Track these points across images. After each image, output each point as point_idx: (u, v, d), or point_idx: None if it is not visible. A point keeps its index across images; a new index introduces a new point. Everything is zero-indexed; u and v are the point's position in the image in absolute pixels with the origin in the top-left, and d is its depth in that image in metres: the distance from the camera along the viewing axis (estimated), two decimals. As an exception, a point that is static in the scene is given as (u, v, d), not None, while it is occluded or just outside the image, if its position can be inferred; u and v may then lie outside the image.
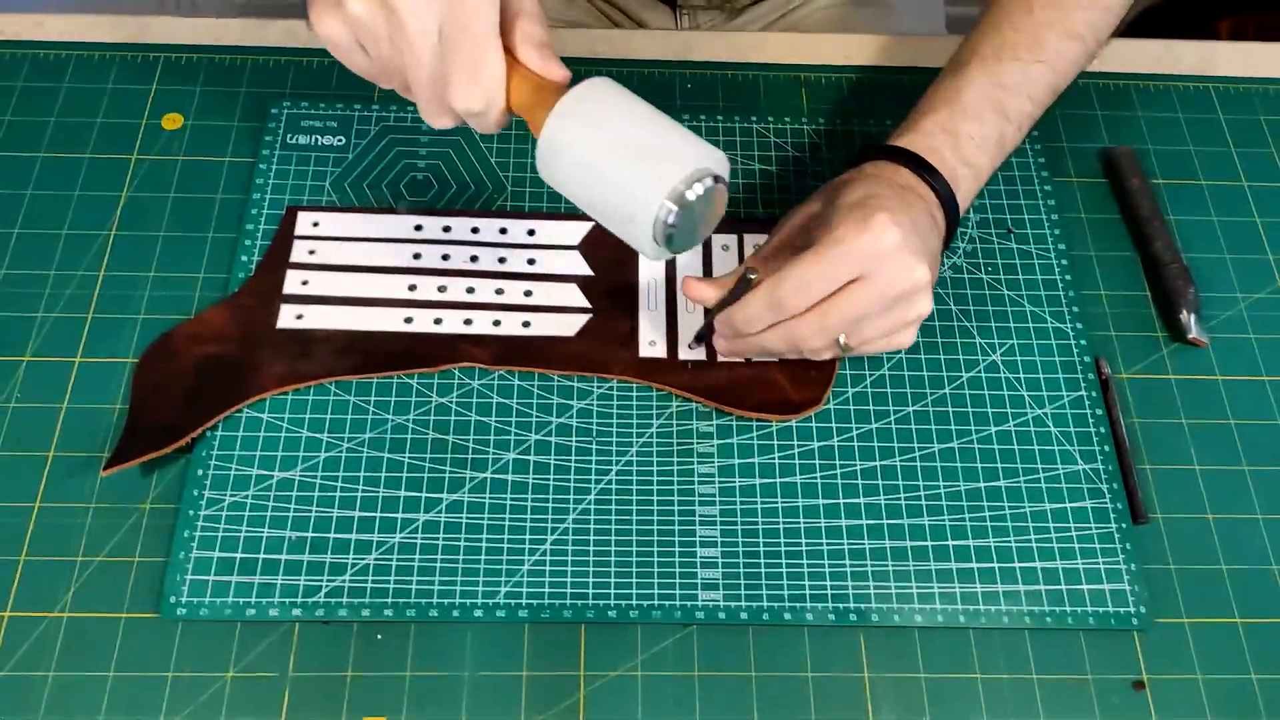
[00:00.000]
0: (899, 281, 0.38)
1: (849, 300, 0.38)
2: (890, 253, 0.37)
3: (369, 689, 0.37)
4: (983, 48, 0.43)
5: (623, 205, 0.34)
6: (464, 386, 0.43)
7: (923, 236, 0.39)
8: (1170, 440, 0.43)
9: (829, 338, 0.39)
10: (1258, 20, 0.83)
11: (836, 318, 0.38)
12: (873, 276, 0.38)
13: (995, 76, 0.42)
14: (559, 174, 0.35)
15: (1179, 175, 0.50)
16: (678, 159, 0.33)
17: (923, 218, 0.40)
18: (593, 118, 0.34)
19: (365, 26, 0.34)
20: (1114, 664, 0.38)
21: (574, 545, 0.40)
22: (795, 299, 0.38)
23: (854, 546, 0.40)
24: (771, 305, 0.39)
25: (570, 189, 0.35)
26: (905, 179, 0.41)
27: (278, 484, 0.40)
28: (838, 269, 0.38)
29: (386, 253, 0.46)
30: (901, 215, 0.38)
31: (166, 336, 0.43)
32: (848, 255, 0.37)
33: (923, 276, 0.38)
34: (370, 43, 0.34)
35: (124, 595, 0.38)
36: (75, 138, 0.49)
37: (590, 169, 0.34)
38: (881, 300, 0.38)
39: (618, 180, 0.33)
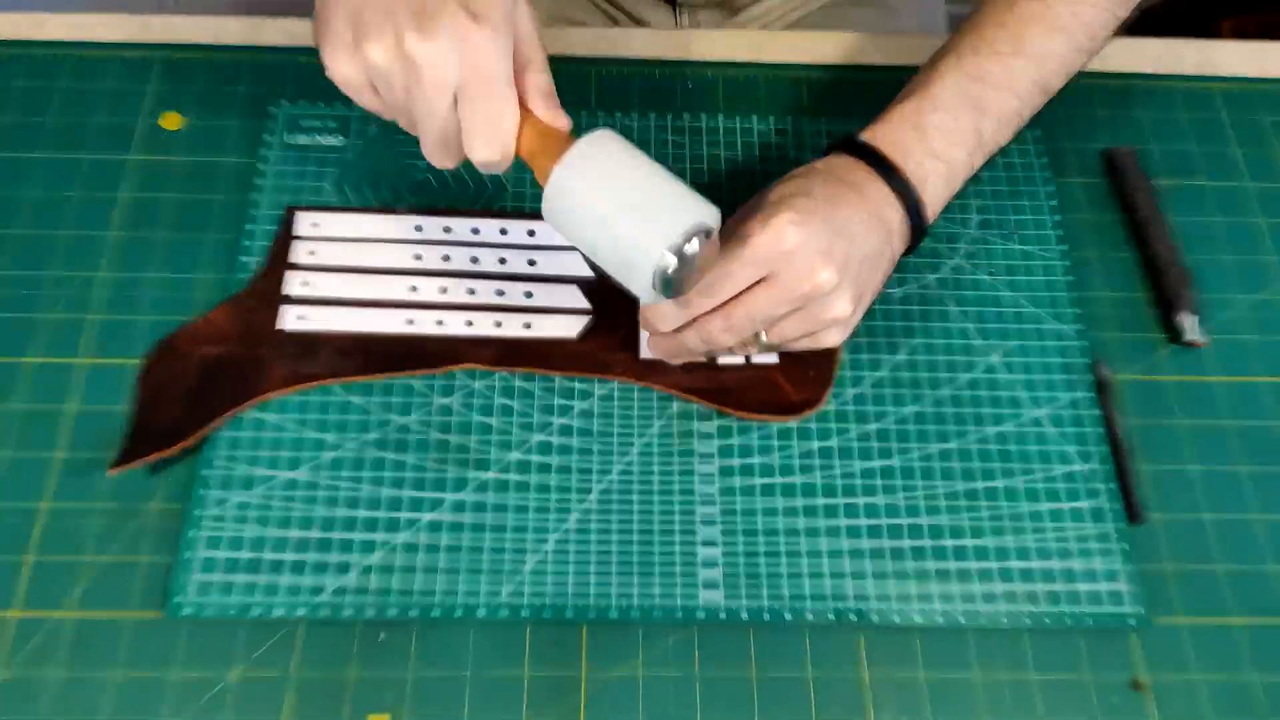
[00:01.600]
0: (801, 282, 0.37)
1: (753, 300, 0.38)
2: (790, 253, 0.37)
3: (372, 688, 0.37)
4: (961, 45, 0.43)
5: (625, 255, 0.36)
6: (466, 387, 0.43)
7: (845, 237, 0.38)
8: (1168, 441, 0.43)
9: (740, 335, 0.39)
10: (1260, 20, 0.83)
11: (742, 317, 0.38)
12: (777, 277, 0.37)
13: (971, 70, 0.42)
14: (562, 221, 0.36)
15: (1180, 176, 0.50)
16: (676, 215, 0.35)
17: (854, 216, 0.38)
18: (597, 171, 0.35)
19: (382, 74, 0.34)
20: (1112, 664, 0.39)
21: (575, 545, 0.40)
22: (699, 298, 0.38)
23: (854, 546, 0.40)
24: (679, 303, 0.38)
25: (573, 235, 0.37)
26: (857, 176, 0.40)
27: (282, 484, 0.41)
28: (741, 269, 0.37)
29: (387, 254, 0.46)
30: (815, 215, 0.37)
31: (170, 338, 0.43)
32: (747, 258, 0.37)
33: (827, 280, 0.37)
34: (385, 89, 0.35)
35: (130, 595, 0.38)
36: (74, 138, 0.49)
37: (594, 220, 0.35)
38: (786, 300, 0.37)
39: (621, 233, 0.35)
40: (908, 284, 0.46)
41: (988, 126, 0.42)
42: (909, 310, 0.46)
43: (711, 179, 0.49)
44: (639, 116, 0.50)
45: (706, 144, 0.50)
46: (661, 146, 0.50)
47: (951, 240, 0.47)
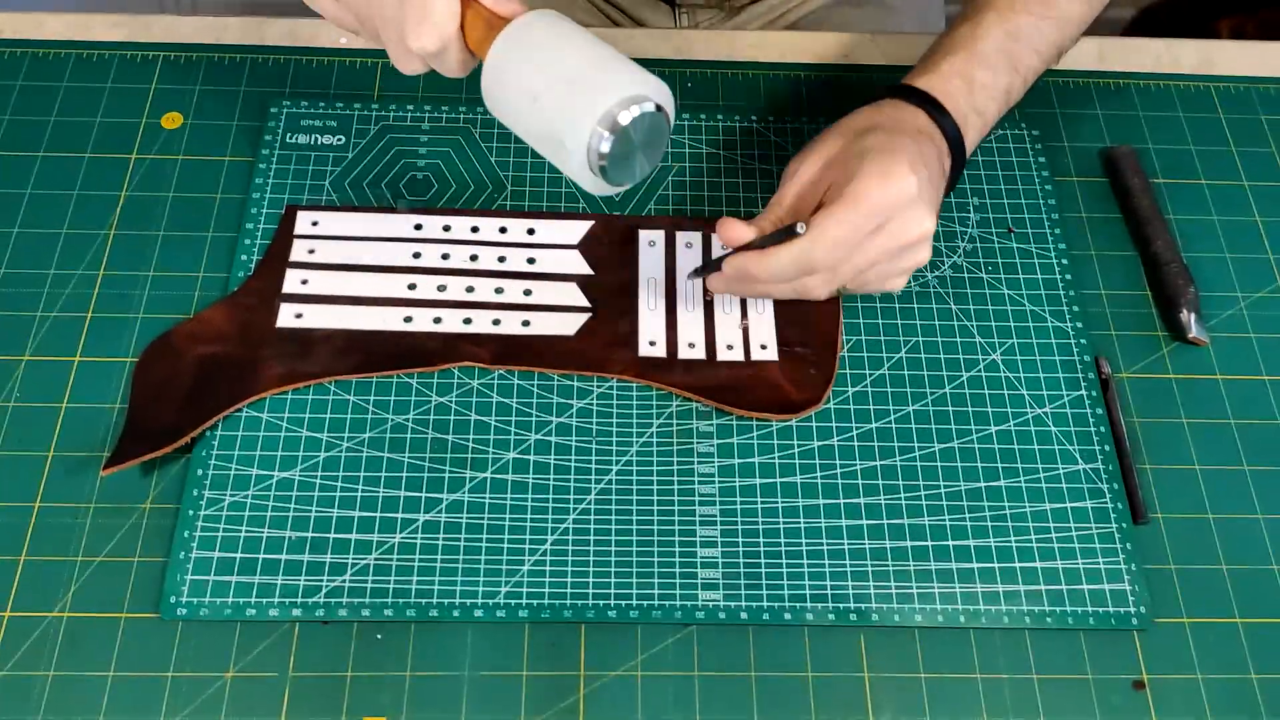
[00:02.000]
0: (909, 231, 0.39)
1: (862, 253, 0.39)
2: (908, 203, 0.39)
3: (369, 689, 0.37)
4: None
5: (557, 132, 0.34)
6: (464, 386, 0.43)
7: (937, 185, 0.40)
8: (1170, 440, 0.43)
9: (836, 287, 0.41)
10: (1258, 20, 0.83)
11: (850, 270, 0.40)
12: (887, 226, 0.39)
13: (1010, 27, 0.43)
14: (500, 103, 0.35)
15: (1179, 174, 0.50)
16: (612, 85, 0.33)
17: (935, 165, 0.41)
18: (533, 47, 0.34)
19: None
20: (1114, 664, 0.38)
21: (574, 545, 0.39)
22: (828, 259, 0.39)
23: (854, 546, 0.40)
24: (802, 264, 0.39)
25: (511, 118, 0.35)
26: (921, 122, 0.42)
27: (278, 484, 0.40)
28: (867, 224, 0.39)
29: (386, 252, 0.46)
30: (919, 164, 0.39)
31: (166, 336, 0.43)
32: (872, 210, 0.39)
33: (930, 227, 0.39)
34: None
35: (124, 595, 0.38)
36: (74, 137, 0.49)
37: (528, 97, 0.34)
38: (890, 250, 0.40)
39: (553, 107, 0.33)
40: (908, 283, 0.46)
41: (1016, 84, 0.44)
42: (909, 309, 0.45)
43: (711, 178, 0.49)
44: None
45: (706, 143, 0.50)
46: (660, 145, 0.50)
47: (951, 239, 0.47)
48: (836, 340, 0.44)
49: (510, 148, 0.49)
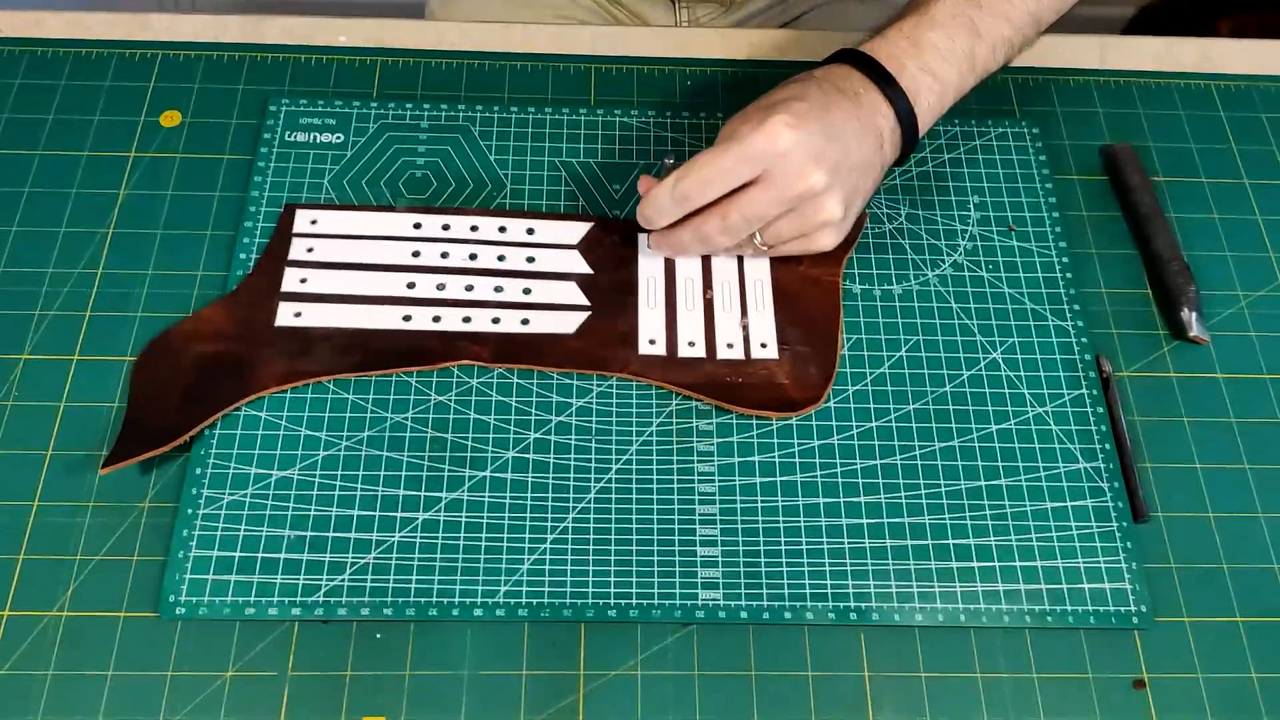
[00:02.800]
0: (793, 183, 0.39)
1: (747, 199, 0.40)
2: (784, 154, 0.39)
3: (368, 688, 0.37)
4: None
5: None
6: (463, 385, 0.43)
7: (838, 142, 0.40)
8: (1171, 438, 0.43)
9: (736, 236, 0.41)
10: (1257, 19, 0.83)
11: (737, 216, 0.40)
12: (769, 177, 0.39)
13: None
14: None
15: (1180, 173, 0.50)
16: None
17: (846, 123, 0.40)
18: None
19: None
20: (1114, 663, 0.38)
21: (574, 544, 0.39)
22: (696, 193, 0.40)
23: (854, 546, 0.40)
24: (675, 198, 0.40)
25: None
26: (853, 84, 0.42)
27: (276, 483, 0.40)
28: (736, 167, 0.39)
29: (385, 250, 0.46)
30: (810, 119, 0.39)
31: (165, 335, 0.43)
32: (742, 154, 0.39)
33: (818, 181, 0.39)
34: None
35: (123, 594, 0.38)
36: (73, 135, 0.49)
37: None
38: (779, 201, 0.40)
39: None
40: (908, 281, 0.46)
41: (981, 50, 0.43)
42: (909, 308, 0.45)
43: (710, 177, 0.49)
44: (639, 114, 0.50)
45: (706, 142, 0.50)
46: (661, 144, 0.50)
47: (951, 238, 0.47)
48: (836, 339, 0.44)
49: (510, 146, 0.49)
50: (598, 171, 0.49)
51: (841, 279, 0.46)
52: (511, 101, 0.51)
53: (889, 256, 0.47)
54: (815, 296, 0.45)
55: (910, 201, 0.48)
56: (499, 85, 0.51)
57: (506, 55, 0.52)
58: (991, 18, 0.43)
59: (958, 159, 0.50)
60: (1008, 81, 0.51)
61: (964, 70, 0.43)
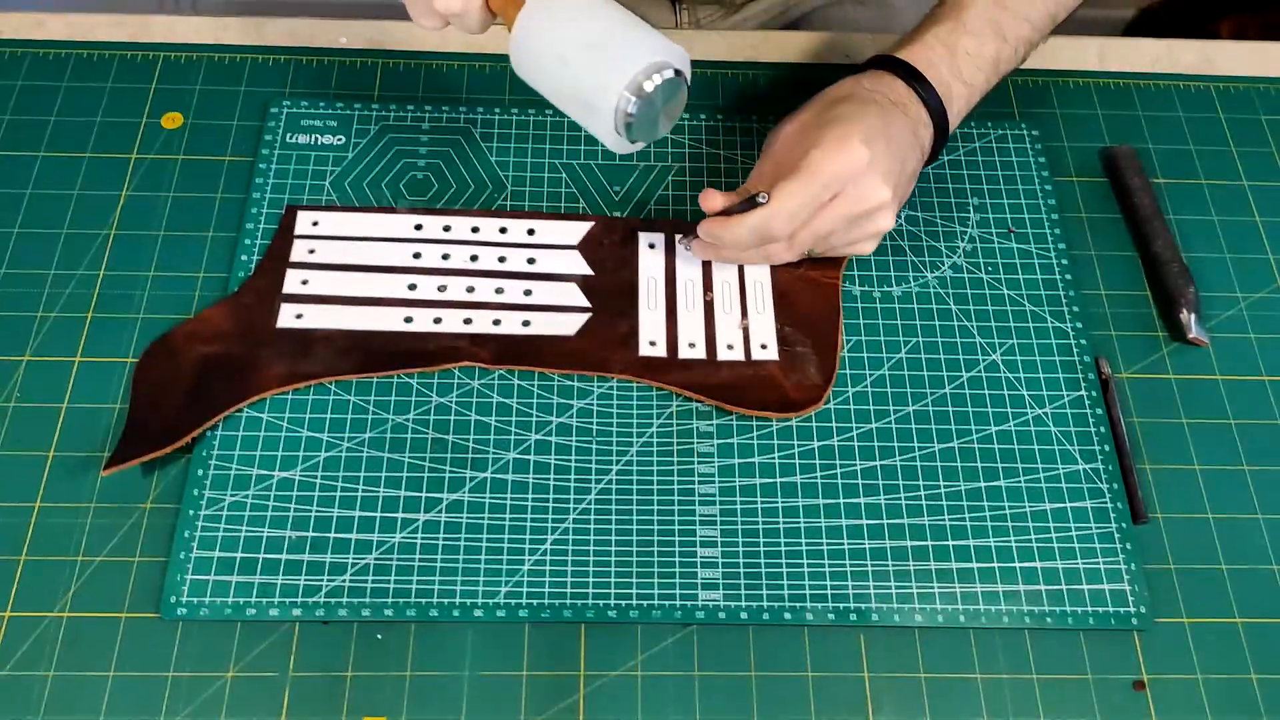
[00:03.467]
0: (865, 200, 0.41)
1: (819, 221, 0.42)
2: (860, 173, 0.41)
3: (369, 689, 0.37)
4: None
5: (585, 96, 0.37)
6: (464, 386, 0.43)
7: (899, 156, 0.42)
8: (1170, 440, 0.43)
9: (800, 251, 0.44)
10: (1257, 20, 0.83)
11: (807, 235, 0.42)
12: (843, 196, 0.41)
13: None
14: (529, 67, 0.38)
15: (1179, 174, 0.50)
16: (637, 52, 0.36)
17: (903, 135, 0.42)
18: (560, 14, 0.37)
19: None
20: (1114, 664, 0.38)
21: (574, 545, 0.39)
22: (785, 229, 0.42)
23: (854, 546, 0.40)
24: (761, 233, 0.42)
25: (539, 82, 0.38)
26: (898, 93, 0.43)
27: (278, 484, 0.40)
28: (821, 194, 0.41)
29: (386, 252, 0.46)
30: (878, 137, 0.41)
31: (166, 336, 0.43)
32: (826, 181, 0.41)
33: (885, 196, 0.41)
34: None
35: (124, 595, 0.38)
36: (75, 137, 0.49)
37: (557, 62, 0.37)
38: (847, 217, 0.42)
39: (581, 73, 0.36)
40: (908, 283, 0.46)
41: (1005, 52, 0.45)
42: (909, 309, 0.45)
43: (711, 178, 0.49)
44: (638, 116, 0.50)
45: (706, 143, 0.50)
46: (661, 144, 0.50)
47: (951, 240, 0.47)
48: (836, 340, 0.44)
49: (510, 148, 0.49)
50: (598, 172, 0.49)
51: (841, 280, 0.46)
52: (512, 103, 0.51)
53: (889, 258, 0.47)
54: (815, 298, 0.45)
55: (910, 203, 0.48)
56: (500, 87, 0.51)
57: (507, 57, 0.52)
58: (1014, 20, 0.45)
59: (957, 161, 0.50)
60: (1007, 84, 0.51)
61: (990, 75, 0.45)
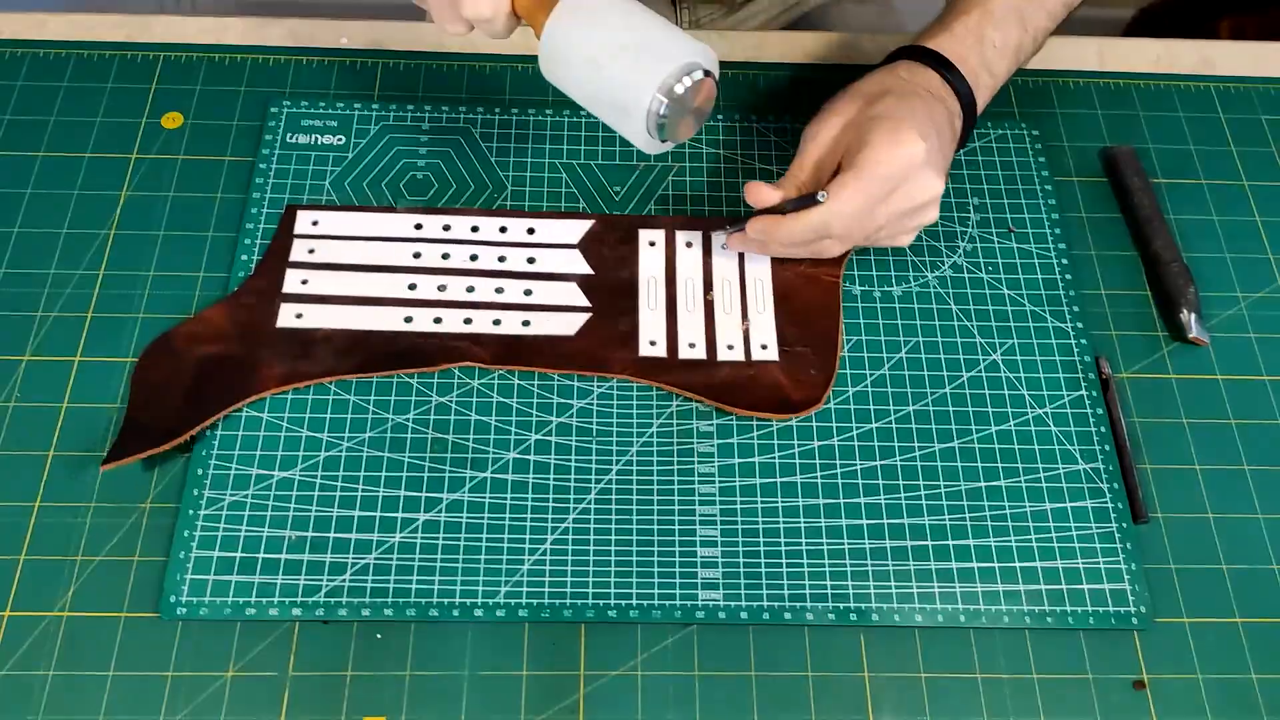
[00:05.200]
0: (919, 195, 0.41)
1: (874, 217, 0.42)
2: (917, 169, 0.40)
3: (369, 688, 0.37)
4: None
5: (617, 99, 0.37)
6: (464, 386, 0.43)
7: (944, 148, 0.42)
8: (1171, 440, 0.43)
9: (847, 247, 0.43)
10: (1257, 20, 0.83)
11: (861, 233, 0.42)
12: (898, 191, 0.41)
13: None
14: (558, 73, 0.38)
15: (1179, 174, 0.50)
16: (668, 55, 0.37)
17: (945, 127, 0.42)
18: (588, 19, 0.37)
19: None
20: (1114, 663, 0.38)
21: (574, 545, 0.39)
22: (844, 229, 0.41)
23: (854, 546, 0.40)
24: (820, 231, 0.42)
25: (569, 87, 0.38)
26: (934, 85, 0.43)
27: (278, 483, 0.40)
28: (878, 192, 0.41)
29: (386, 252, 0.46)
30: (929, 129, 0.41)
31: (166, 336, 0.43)
32: (885, 178, 0.40)
33: (939, 189, 0.41)
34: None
35: (124, 594, 0.38)
36: (75, 137, 0.49)
37: (587, 67, 0.37)
38: (901, 212, 0.41)
39: (613, 77, 0.37)
40: (908, 283, 0.46)
41: (1026, 42, 0.45)
42: (909, 309, 0.45)
43: (711, 178, 0.49)
44: (638, 116, 0.50)
45: (706, 143, 0.50)
46: (661, 145, 0.50)
47: (951, 239, 0.47)
48: (836, 340, 0.44)
49: (510, 148, 0.49)
50: (598, 172, 0.49)
51: (841, 280, 0.46)
52: (512, 103, 0.51)
53: (889, 258, 0.47)
54: (815, 298, 0.45)
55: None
56: (499, 87, 0.51)
57: (507, 57, 0.52)
58: (1034, 10, 0.45)
59: (957, 161, 0.50)
60: (1008, 84, 0.51)
61: (1011, 64, 0.45)
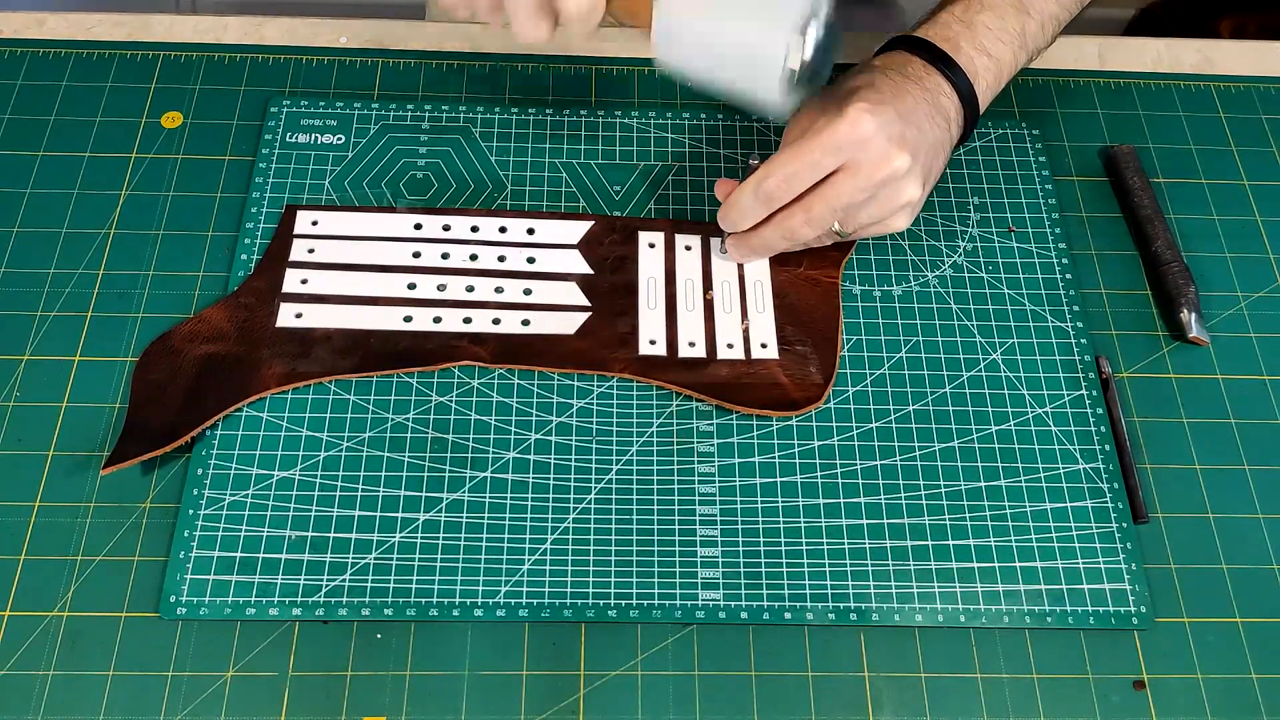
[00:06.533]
0: (878, 168, 0.40)
1: (832, 189, 0.40)
2: (867, 140, 0.39)
3: (369, 688, 0.37)
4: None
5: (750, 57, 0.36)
6: (464, 385, 0.43)
7: (914, 123, 0.41)
8: (1171, 439, 0.43)
9: (821, 227, 0.42)
10: (1258, 19, 0.83)
11: (822, 207, 0.41)
12: (854, 165, 0.40)
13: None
14: (679, 51, 0.37)
15: (1180, 174, 0.50)
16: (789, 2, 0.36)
17: (918, 106, 0.41)
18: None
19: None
20: (1114, 663, 0.38)
21: (574, 544, 0.39)
22: (781, 190, 0.40)
23: (854, 546, 0.40)
24: (760, 198, 0.41)
25: (693, 61, 0.38)
26: (914, 69, 0.43)
27: (277, 483, 0.40)
28: (820, 159, 0.40)
29: (386, 251, 0.46)
30: (885, 105, 0.40)
31: (166, 335, 0.43)
32: (827, 145, 0.39)
33: (901, 164, 0.40)
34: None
35: (124, 594, 0.38)
36: (75, 136, 0.49)
37: (709, 36, 0.36)
38: (864, 188, 0.40)
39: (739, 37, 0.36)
40: (908, 282, 0.46)
41: (1031, 27, 0.45)
42: (909, 308, 0.45)
43: (711, 178, 0.49)
44: (639, 114, 0.50)
45: (706, 142, 0.50)
46: (661, 144, 0.50)
47: (951, 239, 0.47)
48: (836, 339, 0.44)
49: (510, 147, 0.49)
50: (598, 172, 0.49)
51: (841, 280, 0.46)
52: (512, 102, 0.51)
53: (889, 257, 0.47)
54: (815, 297, 0.45)
55: (910, 202, 0.48)
56: (499, 86, 0.51)
57: (507, 56, 0.52)
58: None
59: (958, 160, 0.50)
60: (1008, 84, 0.51)
61: (1016, 48, 0.44)
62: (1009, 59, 0.44)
